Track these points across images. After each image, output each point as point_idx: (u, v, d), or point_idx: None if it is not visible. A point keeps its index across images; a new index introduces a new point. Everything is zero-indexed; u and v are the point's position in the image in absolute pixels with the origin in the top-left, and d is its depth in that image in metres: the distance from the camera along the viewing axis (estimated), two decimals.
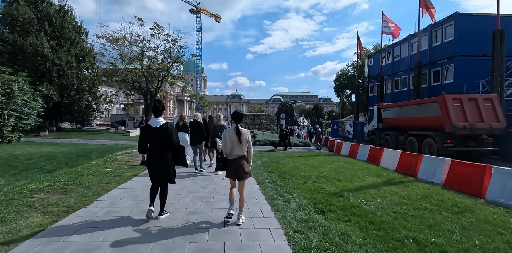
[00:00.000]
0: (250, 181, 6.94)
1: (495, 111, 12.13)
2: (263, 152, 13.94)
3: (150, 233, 3.60)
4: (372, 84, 29.60)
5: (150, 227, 3.80)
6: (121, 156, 10.57)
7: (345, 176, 7.94)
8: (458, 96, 12.44)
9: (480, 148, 12.19)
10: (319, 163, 10.51)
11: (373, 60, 29.57)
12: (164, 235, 3.52)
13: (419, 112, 13.92)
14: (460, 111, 11.92)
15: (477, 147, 12.16)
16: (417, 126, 14.12)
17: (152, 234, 3.55)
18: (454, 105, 11.98)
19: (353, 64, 63.22)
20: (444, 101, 12.04)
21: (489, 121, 11.86)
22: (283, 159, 11.43)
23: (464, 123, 11.68)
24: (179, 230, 3.72)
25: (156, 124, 3.97)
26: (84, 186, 5.92)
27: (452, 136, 12.13)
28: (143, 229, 3.71)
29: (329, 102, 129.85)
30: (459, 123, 11.66)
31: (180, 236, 3.51)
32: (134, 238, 3.42)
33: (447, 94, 12.34)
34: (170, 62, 29.08)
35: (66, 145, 14.00)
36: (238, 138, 3.92)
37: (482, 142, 12.20)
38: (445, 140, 12.08)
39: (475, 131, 11.75)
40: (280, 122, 32.23)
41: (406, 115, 15.13)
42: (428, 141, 13.03)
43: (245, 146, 4.01)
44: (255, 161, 10.61)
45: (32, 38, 19.91)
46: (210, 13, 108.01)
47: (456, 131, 11.75)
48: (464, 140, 12.24)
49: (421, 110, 13.81)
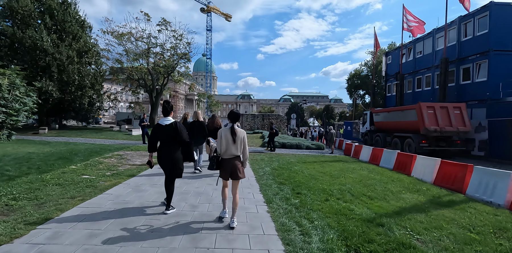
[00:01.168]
0: (256, 197, 5.43)
1: (462, 117, 14.24)
2: (272, 156, 12.40)
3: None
4: (390, 83, 27.62)
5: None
6: (110, 159, 9.22)
7: (375, 191, 6.34)
8: (431, 104, 14.74)
9: (450, 147, 14.23)
10: (338, 172, 8.90)
11: (392, 57, 27.59)
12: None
13: (402, 117, 16.03)
14: (433, 117, 14.01)
15: (447, 147, 14.22)
16: (400, 129, 16.13)
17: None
18: (428, 111, 14.07)
19: (366, 64, 61.01)
20: (420, 108, 14.21)
21: (456, 125, 13.98)
22: (295, 165, 9.87)
23: (436, 127, 13.82)
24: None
25: (165, 123, 4.24)
26: (38, 202, 4.52)
27: (426, 138, 14.12)
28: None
29: (340, 103, 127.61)
30: (431, 127, 13.77)
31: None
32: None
33: (422, 103, 14.51)
34: (177, 58, 27.90)
35: (56, 145, 12.81)
36: (233, 137, 3.84)
37: (452, 142, 14.27)
38: (421, 141, 14.13)
39: (444, 133, 13.94)
40: (291, 123, 30.61)
41: (392, 119, 17.29)
42: (408, 141, 15.08)
43: (240, 146, 3.91)
44: (263, 167, 9.10)
45: (31, 31, 18.94)
46: (221, 12, 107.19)
47: (429, 133, 13.87)
48: (437, 141, 14.22)
49: (403, 116, 15.93)
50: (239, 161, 3.95)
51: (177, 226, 3.78)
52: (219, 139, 3.92)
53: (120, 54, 26.92)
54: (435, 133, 13.88)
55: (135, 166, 8.22)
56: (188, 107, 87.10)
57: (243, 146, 3.92)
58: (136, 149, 11.88)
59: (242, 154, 3.96)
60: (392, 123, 17.10)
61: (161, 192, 5.43)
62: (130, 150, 11.63)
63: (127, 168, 7.80)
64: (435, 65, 20.59)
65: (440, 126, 13.87)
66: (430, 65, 21.31)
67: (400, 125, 16.08)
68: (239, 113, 4.12)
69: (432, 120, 13.98)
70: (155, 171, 7.54)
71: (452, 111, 14.25)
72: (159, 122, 4.28)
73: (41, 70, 20.16)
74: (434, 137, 14.12)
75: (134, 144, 14.99)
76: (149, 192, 5.44)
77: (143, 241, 3.26)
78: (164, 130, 4.20)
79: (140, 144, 15.45)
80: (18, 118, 13.92)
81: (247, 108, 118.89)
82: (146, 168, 8.00)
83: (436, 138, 14.20)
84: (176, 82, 30.81)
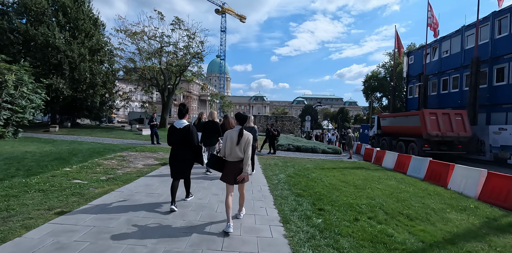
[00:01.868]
0: (270, 213, 4.50)
1: (463, 123, 14.66)
2: (286, 161, 11.42)
3: None
4: (411, 85, 26.07)
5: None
6: (110, 160, 8.50)
7: (413, 209, 5.26)
8: (434, 111, 15.36)
9: (451, 151, 14.65)
10: (362, 181, 7.83)
11: (414, 57, 26.04)
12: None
13: (406, 122, 16.59)
14: (435, 123, 14.51)
15: (449, 150, 14.64)
16: (405, 133, 16.58)
17: None
18: (431, 118, 14.60)
19: (384, 65, 58.97)
20: (422, 114, 14.84)
21: (457, 131, 14.44)
22: (313, 172, 8.87)
23: (437, 132, 14.31)
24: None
25: (180, 126, 4.35)
26: (6, 214, 3.73)
27: (428, 142, 14.54)
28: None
29: (355, 106, 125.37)
30: (433, 132, 14.28)
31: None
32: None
33: (425, 110, 15.40)
34: (190, 58, 27.35)
35: (61, 143, 12.28)
36: (238, 139, 3.74)
37: (453, 147, 14.68)
38: (424, 145, 14.59)
39: (445, 138, 14.37)
40: (305, 125, 29.46)
41: (397, 124, 17.82)
42: (411, 145, 15.52)
43: (243, 149, 3.78)
44: (277, 174, 8.14)
45: (43, 28, 18.74)
46: (235, 13, 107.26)
47: (431, 138, 14.33)
48: (438, 145, 14.63)
49: (407, 121, 16.49)
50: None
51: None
52: (224, 141, 3.84)
53: (133, 52, 26.67)
54: (437, 138, 14.41)
55: (136, 169, 7.45)
56: (201, 107, 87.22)
57: (246, 148, 3.78)
58: (141, 150, 11.17)
59: (245, 156, 3.79)
60: (398, 128, 17.70)
61: (156, 204, 4.58)
62: (135, 150, 10.93)
63: (126, 172, 7.02)
64: (464, 65, 19.08)
65: (441, 131, 14.42)
66: (458, 65, 19.78)
67: (405, 129, 16.65)
68: (247, 115, 4.09)
69: (434, 125, 14.56)
70: (156, 175, 6.73)
71: (453, 117, 14.89)
72: (174, 124, 4.43)
73: (53, 67, 19.96)
74: (436, 142, 14.62)
75: (142, 145, 14.35)
76: (142, 203, 4.59)
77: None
78: (178, 132, 4.35)
79: (148, 144, 14.81)
80: (25, 116, 13.56)
81: (260, 109, 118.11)
82: (147, 172, 7.21)
83: (438, 142, 14.68)
84: (189, 82, 30.29)
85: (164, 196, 5.03)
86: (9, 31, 18.72)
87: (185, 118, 4.49)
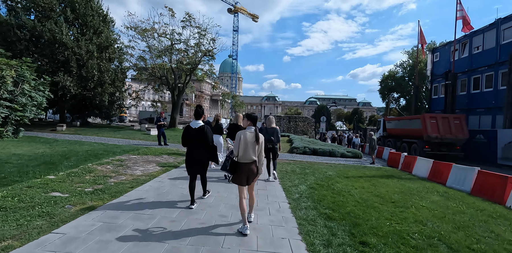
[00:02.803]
0: (295, 248, 3.28)
1: (461, 126, 15.65)
2: (304, 166, 10.16)
3: None
4: (436, 84, 24.23)
5: None
6: (106, 165, 7.48)
7: (483, 241, 3.94)
8: (434, 115, 16.79)
9: (449, 152, 15.54)
10: (400, 195, 6.51)
11: (440, 54, 24.19)
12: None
13: (409, 125, 17.70)
14: (435, 126, 15.46)
15: (447, 151, 15.58)
16: (408, 135, 17.53)
17: None
18: (431, 121, 15.58)
19: (402, 65, 56.59)
20: (423, 118, 15.95)
21: (455, 133, 15.39)
22: (337, 181, 7.61)
23: (437, 134, 15.25)
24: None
25: (196, 126, 4.52)
26: None
27: (429, 143, 15.52)
28: None
29: (369, 107, 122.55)
30: (433, 134, 15.25)
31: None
32: None
33: (426, 114, 16.89)
34: (201, 56, 26.39)
35: (61, 144, 11.44)
36: (257, 142, 3.68)
37: (452, 148, 15.64)
38: (425, 146, 15.60)
39: (444, 140, 15.35)
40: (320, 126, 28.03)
41: (401, 126, 19.09)
42: (414, 146, 16.64)
43: (258, 151, 3.71)
44: (296, 184, 6.92)
45: (50, 23, 18.15)
46: (248, 13, 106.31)
47: (430, 139, 15.32)
48: (438, 146, 15.55)
49: (410, 124, 17.64)
50: (256, 166, 3.75)
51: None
52: (237, 141, 3.73)
53: (143, 50, 25.95)
54: (436, 140, 15.43)
55: (132, 177, 6.39)
56: (213, 107, 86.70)
57: (260, 150, 3.75)
58: (144, 153, 10.16)
59: (258, 159, 3.76)
60: (401, 130, 18.82)
61: (144, 233, 3.45)
62: (137, 153, 9.92)
63: (119, 181, 5.96)
64: (500, 62, 17.29)
65: (441, 133, 15.42)
66: (493, 62, 17.97)
67: (408, 131, 17.60)
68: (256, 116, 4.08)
69: (434, 128, 15.54)
70: (154, 187, 5.63)
71: (452, 121, 15.88)
72: (190, 125, 4.56)
73: (61, 65, 19.38)
74: (436, 143, 15.59)
75: (148, 146, 13.42)
76: (125, 233, 3.46)
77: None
78: (193, 133, 4.49)
79: (155, 145, 13.88)
80: (25, 114, 12.82)
81: (272, 109, 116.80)
82: (144, 181, 6.14)
83: (438, 144, 15.63)
84: (199, 80, 29.40)
85: (157, 219, 3.91)
86: (17, 27, 18.22)
87: (201, 118, 4.66)
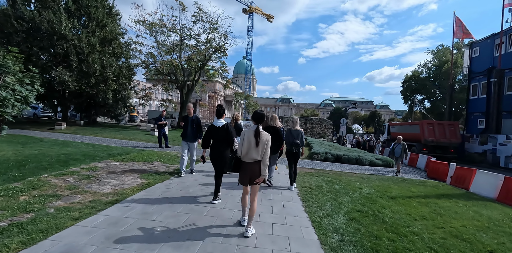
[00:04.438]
0: None
1: (455, 132, 18.24)
2: (331, 178, 7.94)
3: None
4: (475, 82, 21.37)
5: None
6: (69, 176, 5.55)
7: None
8: (431, 121, 19.97)
9: (444, 154, 17.39)
10: (491, 235, 4.25)
11: (480, 49, 21.32)
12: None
13: (409, 130, 20.03)
14: (432, 131, 17.99)
15: (442, 154, 17.46)
16: (408, 139, 17.38)
17: None
18: (428, 127, 18.20)
19: (426, 65, 52.99)
20: (422, 124, 18.73)
21: (450, 138, 17.91)
22: (383, 206, 5.42)
23: (432, 138, 17.77)
24: None
25: (219, 124, 4.74)
26: None
27: (426, 146, 17.85)
28: None
29: (387, 110, 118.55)
30: (429, 138, 17.77)
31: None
32: None
33: (424, 121, 20.71)
34: (212, 51, 24.54)
35: (41, 145, 9.72)
36: (256, 140, 3.57)
37: (446, 150, 18.05)
38: (422, 148, 17.82)
39: (439, 143, 17.84)
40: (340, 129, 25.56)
41: (403, 131, 20.67)
42: (413, 148, 18.34)
43: (261, 151, 3.59)
44: (328, 212, 4.77)
45: (48, 13, 16.75)
46: (263, 13, 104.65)
47: (427, 143, 17.81)
48: (434, 149, 17.78)
49: (410, 129, 20.05)
50: (259, 167, 3.61)
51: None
52: (241, 140, 3.71)
53: (152, 46, 24.40)
54: (432, 143, 17.64)
55: (92, 197, 4.43)
56: (227, 108, 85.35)
57: (265, 150, 3.58)
58: (130, 159, 8.22)
59: (262, 159, 3.59)
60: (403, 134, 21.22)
61: None
62: (121, 159, 7.97)
63: (67, 206, 4.00)
64: None
65: (436, 138, 17.62)
66: None
67: (408, 135, 18.50)
68: (264, 114, 3.95)
69: (431, 133, 17.78)
70: (108, 223, 3.56)
71: (447, 127, 18.20)
72: (213, 124, 4.82)
73: (61, 58, 17.97)
74: (432, 146, 17.72)
75: (146, 148, 11.60)
76: None
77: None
78: (217, 131, 4.73)
79: (155, 148, 12.10)
80: (6, 110, 11.21)
81: (286, 111, 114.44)
82: (102, 206, 4.15)
83: (434, 147, 17.75)
84: (209, 78, 27.60)
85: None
86: (14, 18, 16.94)
87: (223, 117, 4.82)
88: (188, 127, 6.76)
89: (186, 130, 6.78)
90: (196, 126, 6.81)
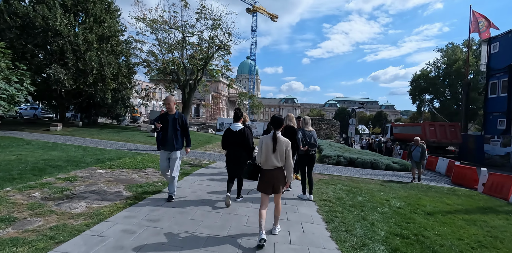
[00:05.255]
0: None
1: (456, 133, 19.35)
2: (350, 187, 6.85)
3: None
4: (495, 80, 20.11)
5: None
6: (34, 191, 4.54)
7: None
8: (433, 123, 21.45)
9: (445, 154, 18.62)
10: None
11: (499, 45, 20.06)
12: None
13: (412, 131, 20.95)
14: (433, 132, 19.09)
15: (443, 153, 18.92)
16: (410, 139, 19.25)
17: None
18: (430, 128, 19.33)
19: (435, 63, 51.54)
20: (423, 126, 19.95)
21: (450, 138, 19.11)
22: (424, 226, 4.36)
23: (434, 139, 18.81)
24: None
25: (236, 128, 4.65)
26: None
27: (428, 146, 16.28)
28: None
29: (392, 110, 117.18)
30: (430, 139, 18.56)
31: None
32: None
33: (425, 122, 22.49)
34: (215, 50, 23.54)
35: (25, 148, 8.77)
36: (273, 146, 3.40)
37: (446, 150, 20.07)
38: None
39: (441, 144, 19.15)
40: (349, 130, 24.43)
41: (405, 132, 22.31)
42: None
43: (282, 157, 3.43)
44: (365, 243, 3.70)
45: (42, 8, 15.89)
46: (267, 12, 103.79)
47: (429, 143, 17.59)
48: (436, 149, 18.84)
49: (413, 130, 21.22)
50: (282, 173, 3.46)
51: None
52: (259, 147, 3.60)
53: (153, 44, 23.48)
54: (434, 144, 18.31)
55: (54, 222, 3.41)
56: (231, 109, 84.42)
57: (286, 157, 3.44)
58: (120, 165, 7.20)
59: (286, 165, 3.45)
60: (405, 135, 21.08)
61: None
62: (109, 166, 6.94)
63: (9, 239, 2.99)
64: None
65: (437, 138, 18.58)
66: None
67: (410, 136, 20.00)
68: (282, 118, 3.66)
69: (433, 134, 18.64)
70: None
71: (448, 128, 19.18)
72: (230, 127, 4.71)
73: (57, 56, 17.09)
74: (434, 146, 18.31)
75: (143, 151, 10.66)
76: None
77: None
78: (234, 135, 4.62)
79: (153, 150, 11.20)
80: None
81: (290, 111, 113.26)
82: (59, 239, 3.13)
83: (435, 147, 18.52)
84: (212, 77, 26.62)
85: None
86: (8, 13, 16.12)
87: (240, 121, 4.73)
88: (169, 129, 4.64)
89: (166, 133, 4.67)
90: (181, 127, 4.70)
